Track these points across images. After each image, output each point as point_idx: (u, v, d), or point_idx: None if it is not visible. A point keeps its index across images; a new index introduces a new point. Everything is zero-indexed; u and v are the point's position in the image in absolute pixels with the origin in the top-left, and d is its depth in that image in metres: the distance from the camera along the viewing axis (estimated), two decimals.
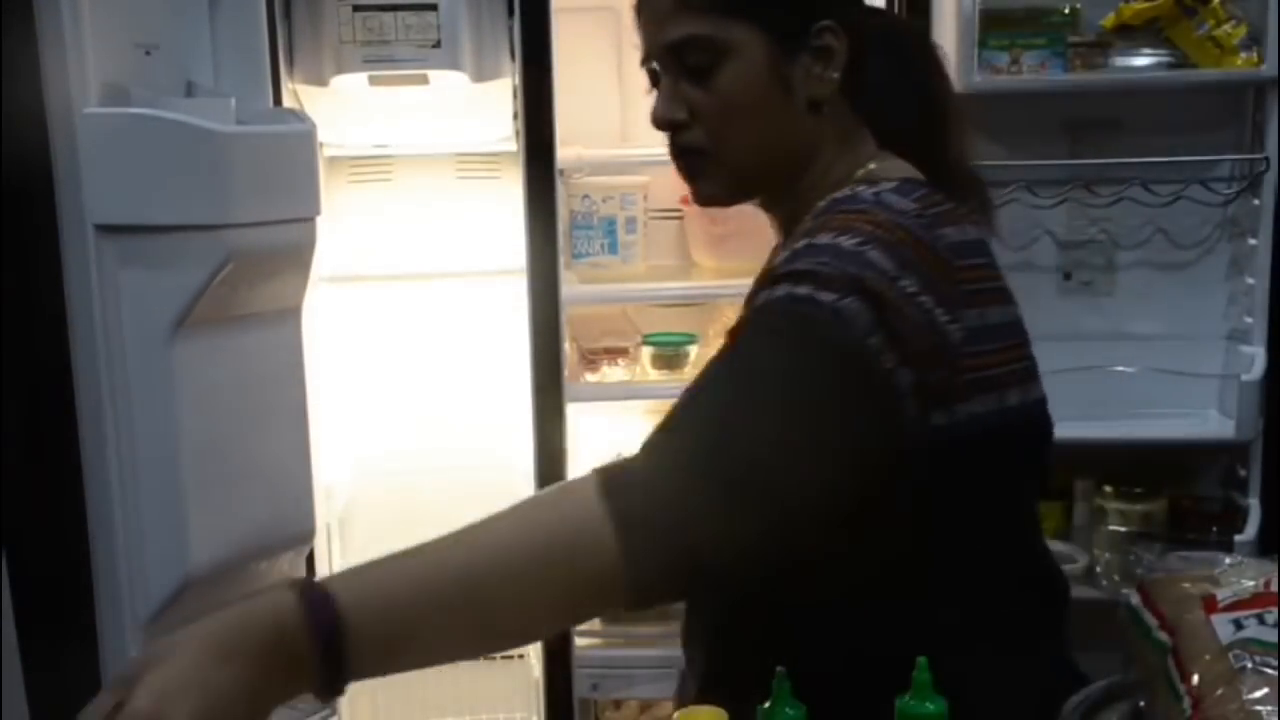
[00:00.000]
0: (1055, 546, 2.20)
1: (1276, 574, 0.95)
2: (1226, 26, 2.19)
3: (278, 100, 2.12)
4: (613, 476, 0.94)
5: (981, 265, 1.11)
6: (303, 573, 2.12)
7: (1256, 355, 2.22)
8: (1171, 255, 2.39)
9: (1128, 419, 2.28)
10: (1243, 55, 2.19)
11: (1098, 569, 2.23)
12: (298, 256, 1.93)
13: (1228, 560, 1.00)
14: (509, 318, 2.50)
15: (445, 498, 2.69)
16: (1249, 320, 2.26)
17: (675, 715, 1.38)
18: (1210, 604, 0.94)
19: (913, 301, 0.99)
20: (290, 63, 2.24)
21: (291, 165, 1.89)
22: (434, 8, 2.20)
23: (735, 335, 1.03)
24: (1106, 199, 2.30)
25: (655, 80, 1.23)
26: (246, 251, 1.78)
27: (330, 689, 0.87)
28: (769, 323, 1.02)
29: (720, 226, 2.63)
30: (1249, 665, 0.87)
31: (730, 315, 2.60)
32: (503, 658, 2.74)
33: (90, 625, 1.81)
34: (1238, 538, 2.18)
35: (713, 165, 1.19)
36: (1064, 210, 2.35)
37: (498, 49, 2.28)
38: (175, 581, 1.81)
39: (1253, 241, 2.25)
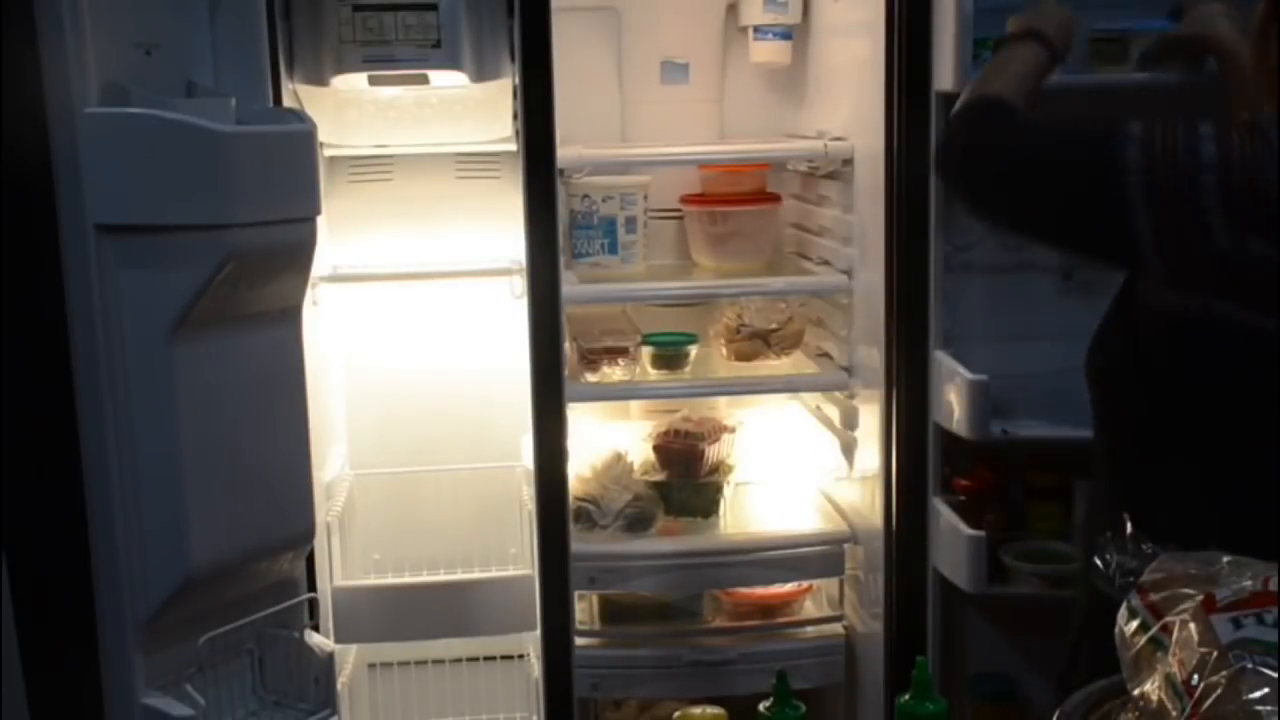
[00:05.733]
0: (1055, 546, 2.22)
1: (1276, 574, 0.95)
2: None
3: (278, 100, 2.12)
4: None
5: None
6: (303, 573, 2.12)
7: None
8: None
9: None
10: None
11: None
12: (298, 256, 1.93)
13: (1226, 560, 1.01)
14: (509, 318, 2.50)
15: (445, 497, 2.69)
16: None
17: (675, 715, 1.39)
18: (1210, 604, 0.94)
19: None
20: (290, 63, 2.24)
21: (291, 165, 1.89)
22: (434, 8, 2.20)
23: None
24: None
25: None
26: (247, 251, 1.78)
27: None
28: None
29: (720, 226, 2.63)
30: (1249, 665, 0.87)
31: (730, 315, 2.60)
32: (503, 658, 2.75)
33: (90, 625, 1.81)
34: None
35: None
36: None
37: (498, 49, 2.28)
38: (175, 581, 1.81)
39: None
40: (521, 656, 2.72)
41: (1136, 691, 0.97)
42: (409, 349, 2.72)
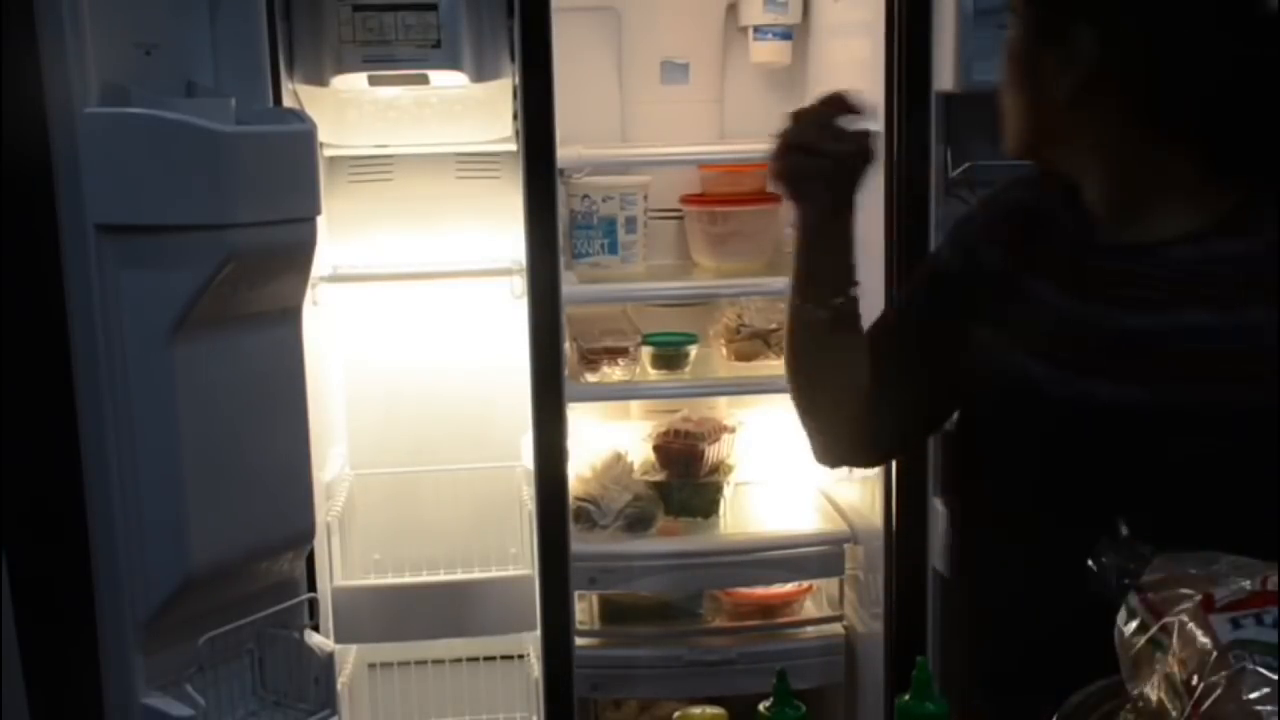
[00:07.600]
0: None
1: (1276, 574, 0.95)
2: None
3: (278, 100, 2.12)
4: None
5: None
6: (303, 573, 2.12)
7: None
8: None
9: None
10: None
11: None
12: (298, 256, 1.93)
13: (1226, 560, 1.00)
14: (509, 318, 2.50)
15: (445, 497, 2.69)
16: None
17: (675, 715, 1.38)
18: (1208, 604, 0.94)
19: None
20: (290, 63, 2.24)
21: (291, 165, 1.88)
22: (434, 8, 2.20)
23: None
24: None
25: None
26: (246, 251, 1.78)
27: None
28: None
29: (720, 226, 2.63)
30: (1248, 665, 0.87)
31: (730, 315, 2.60)
32: (503, 658, 2.75)
33: (90, 625, 1.81)
34: None
35: None
36: None
37: (498, 49, 2.28)
38: (175, 581, 1.81)
39: None
40: (521, 656, 2.72)
41: (1136, 691, 0.97)
42: (409, 349, 2.72)
